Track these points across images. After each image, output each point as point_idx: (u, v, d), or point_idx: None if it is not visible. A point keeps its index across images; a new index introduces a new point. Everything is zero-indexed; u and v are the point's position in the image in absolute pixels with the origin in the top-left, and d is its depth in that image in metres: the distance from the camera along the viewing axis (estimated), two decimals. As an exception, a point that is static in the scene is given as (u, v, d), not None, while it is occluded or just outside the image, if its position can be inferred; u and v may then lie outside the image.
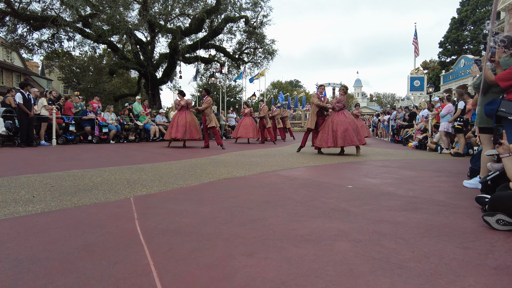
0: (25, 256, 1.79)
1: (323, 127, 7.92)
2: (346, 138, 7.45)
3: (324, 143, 7.62)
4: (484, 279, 1.56)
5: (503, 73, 3.18)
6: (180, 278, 1.55)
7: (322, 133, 7.80)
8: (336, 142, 7.49)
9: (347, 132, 7.48)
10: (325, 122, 7.96)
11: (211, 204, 2.98)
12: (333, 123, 7.67)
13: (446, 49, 37.86)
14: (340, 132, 7.48)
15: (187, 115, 9.96)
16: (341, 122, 7.62)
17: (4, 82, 26.32)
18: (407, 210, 2.79)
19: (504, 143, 2.78)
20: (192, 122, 9.93)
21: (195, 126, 9.95)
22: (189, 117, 9.94)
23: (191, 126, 9.82)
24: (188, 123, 9.80)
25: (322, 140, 7.72)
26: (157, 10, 16.12)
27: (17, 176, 4.26)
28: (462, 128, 8.06)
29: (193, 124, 9.88)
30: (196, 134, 9.87)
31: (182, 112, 10.10)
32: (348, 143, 7.45)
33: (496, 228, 2.27)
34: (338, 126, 7.58)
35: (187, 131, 9.71)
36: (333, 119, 7.73)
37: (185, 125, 9.75)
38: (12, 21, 14.94)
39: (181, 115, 10.00)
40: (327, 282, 1.52)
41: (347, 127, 7.52)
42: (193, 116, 10.15)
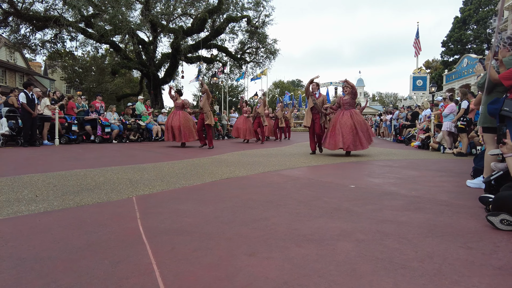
0: (28, 255, 1.79)
1: (330, 128, 7.60)
2: (356, 143, 7.21)
3: (333, 145, 7.34)
4: (488, 279, 1.54)
5: (507, 72, 3.16)
6: (183, 278, 1.55)
7: (330, 135, 7.46)
8: (345, 146, 7.20)
9: (357, 135, 7.22)
10: (331, 123, 7.67)
11: (213, 204, 2.98)
12: (340, 125, 7.35)
13: (449, 48, 37.70)
14: (347, 135, 7.20)
15: (181, 116, 9.59)
16: (348, 124, 7.27)
17: (7, 82, 26.43)
18: (410, 210, 2.78)
19: (508, 143, 2.76)
20: (186, 124, 9.58)
21: (189, 128, 9.62)
22: (183, 119, 9.57)
23: (185, 128, 9.51)
24: (182, 126, 9.47)
25: (330, 142, 7.40)
26: (159, 10, 16.15)
27: (20, 175, 4.28)
28: (465, 128, 8.02)
29: (187, 126, 9.56)
30: (190, 136, 9.57)
31: (176, 113, 9.72)
32: (358, 147, 7.22)
33: (500, 228, 2.26)
34: (344, 128, 7.26)
35: (182, 134, 9.44)
36: (340, 120, 7.41)
37: (179, 127, 9.45)
38: (15, 21, 15.01)
39: (175, 116, 9.66)
40: (329, 282, 1.51)
41: (355, 130, 7.22)
42: (187, 117, 9.76)
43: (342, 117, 7.38)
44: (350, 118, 7.31)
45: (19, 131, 8.92)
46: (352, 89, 7.57)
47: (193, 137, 9.67)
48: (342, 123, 7.32)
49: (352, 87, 7.60)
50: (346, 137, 7.16)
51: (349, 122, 7.25)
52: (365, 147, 7.27)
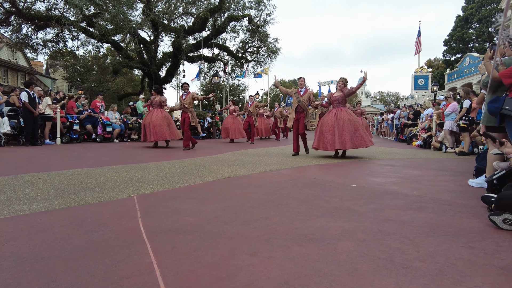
0: (29, 254, 1.79)
1: (318, 127, 7.12)
2: (337, 142, 6.62)
3: (322, 145, 6.88)
4: (491, 279, 1.53)
5: (508, 70, 3.14)
6: (183, 277, 1.55)
7: (319, 134, 6.96)
8: (333, 145, 6.71)
9: (341, 136, 6.60)
10: (319, 121, 7.17)
11: (214, 203, 2.97)
12: (322, 123, 6.91)
13: (451, 47, 37.53)
14: (327, 134, 6.71)
15: (159, 114, 9.01)
16: (329, 123, 6.75)
17: (9, 81, 26.49)
18: (412, 209, 2.77)
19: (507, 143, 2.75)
20: (164, 121, 8.97)
21: (168, 125, 9.01)
22: (161, 117, 8.99)
23: (163, 126, 8.89)
24: (159, 124, 8.88)
25: (319, 142, 6.94)
26: (160, 9, 16.13)
27: (22, 174, 4.28)
28: (467, 127, 7.99)
29: (165, 124, 8.95)
30: (167, 133, 8.93)
31: (153, 111, 9.15)
32: (344, 146, 6.64)
33: (502, 227, 2.24)
34: (325, 127, 6.78)
35: (158, 132, 8.85)
36: (324, 118, 6.95)
37: (155, 126, 8.86)
38: (16, 21, 15.03)
39: (152, 114, 9.08)
40: (331, 281, 1.50)
41: (339, 129, 6.61)
42: (165, 115, 9.17)
43: (327, 115, 6.93)
44: (334, 116, 6.75)
45: (21, 130, 8.94)
46: (346, 88, 6.94)
47: (171, 135, 9.05)
48: (324, 122, 6.91)
49: (348, 89, 6.95)
50: (327, 136, 6.73)
51: (330, 121, 6.76)
52: (347, 147, 6.63)
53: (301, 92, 7.45)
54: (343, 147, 6.60)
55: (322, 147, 6.80)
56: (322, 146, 6.80)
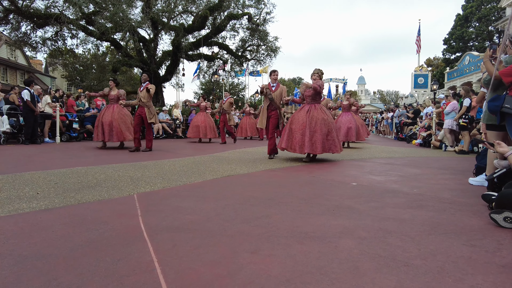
0: (29, 252, 1.78)
1: (287, 125, 6.08)
2: (306, 144, 5.62)
3: (291, 145, 5.84)
4: (493, 277, 1.53)
5: (508, 68, 3.14)
6: (184, 275, 1.54)
7: (288, 133, 5.93)
8: (302, 147, 5.69)
9: (312, 137, 5.64)
10: (290, 118, 6.14)
11: (214, 201, 2.97)
12: (291, 122, 5.94)
13: (451, 46, 37.50)
14: (296, 134, 5.74)
15: (115, 111, 7.92)
16: (300, 121, 5.77)
17: (8, 79, 26.44)
18: (413, 208, 2.76)
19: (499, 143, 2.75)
20: (121, 119, 7.92)
21: (125, 124, 7.96)
22: (118, 114, 7.91)
23: (119, 126, 7.81)
24: (115, 122, 7.80)
25: (288, 142, 5.90)
26: (160, 8, 16.09)
27: (21, 173, 4.28)
28: (466, 126, 7.99)
29: (122, 122, 7.89)
30: (126, 133, 7.90)
31: (109, 107, 8.07)
32: (314, 149, 5.66)
33: (503, 226, 2.24)
34: (296, 125, 5.81)
35: (113, 131, 7.74)
36: (294, 116, 5.99)
37: (110, 124, 7.78)
38: (15, 19, 14.98)
39: (107, 111, 8.00)
40: (332, 279, 1.50)
41: (310, 129, 5.64)
42: (122, 112, 8.10)
43: (299, 112, 5.95)
44: (306, 114, 5.78)
45: (20, 128, 8.93)
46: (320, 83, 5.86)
47: (130, 135, 7.95)
48: (294, 119, 5.91)
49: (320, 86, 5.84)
50: (296, 136, 5.73)
51: (301, 119, 5.77)
52: (318, 151, 5.66)
53: (273, 88, 6.50)
54: (313, 150, 5.66)
55: (291, 148, 5.82)
56: (291, 147, 5.82)
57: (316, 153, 5.73)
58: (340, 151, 5.91)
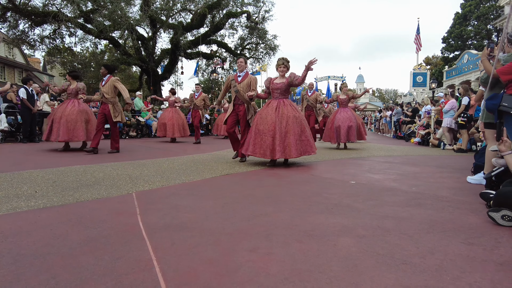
0: (28, 251, 1.78)
1: (253, 125, 5.19)
2: (277, 147, 4.82)
3: (259, 150, 4.95)
4: (490, 275, 1.54)
5: (505, 66, 3.15)
6: (183, 273, 1.54)
7: (255, 134, 5.03)
8: (274, 152, 4.85)
9: (283, 138, 4.84)
10: (255, 117, 5.24)
11: (213, 200, 2.97)
12: (258, 121, 5.07)
13: (449, 44, 37.51)
14: (266, 136, 4.87)
15: (73, 107, 6.96)
16: (269, 120, 4.90)
17: (6, 78, 26.34)
18: (411, 206, 2.77)
19: (506, 141, 2.75)
20: (80, 116, 6.94)
21: (85, 122, 7.07)
22: (77, 110, 6.96)
23: (78, 122, 6.86)
24: (73, 119, 6.82)
25: (255, 145, 4.99)
26: (158, 6, 16.06)
27: (19, 171, 4.27)
28: (465, 124, 8.01)
29: (81, 120, 6.94)
30: (82, 132, 6.91)
31: (65, 102, 7.14)
32: (287, 153, 4.87)
33: (501, 224, 2.25)
34: (264, 125, 4.94)
35: (69, 130, 6.76)
36: (260, 114, 5.10)
37: (65, 121, 6.75)
38: (13, 17, 14.92)
39: (61, 106, 7.08)
40: (331, 277, 1.51)
41: (281, 129, 4.83)
42: (82, 108, 7.12)
43: (266, 109, 5.07)
44: (275, 111, 4.95)
45: (18, 127, 8.90)
46: (293, 74, 5.06)
47: (85, 135, 7.07)
48: (261, 118, 5.01)
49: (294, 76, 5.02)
50: (265, 139, 4.88)
51: (270, 118, 4.91)
52: (292, 155, 4.86)
53: (239, 78, 5.55)
54: (287, 155, 4.84)
55: (259, 152, 4.89)
56: (259, 151, 4.89)
57: (291, 157, 4.92)
58: (315, 152, 5.15)
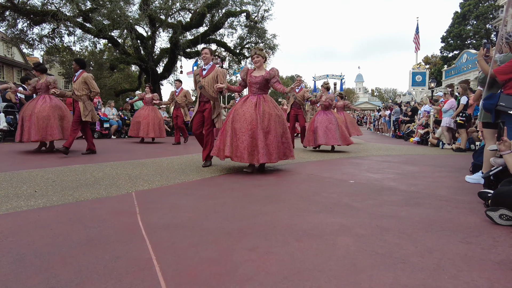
0: (28, 250, 1.79)
1: (226, 122, 4.53)
2: (248, 150, 4.18)
3: (236, 152, 4.27)
4: (488, 273, 1.55)
5: (502, 66, 3.16)
6: (183, 272, 1.55)
7: (231, 135, 4.35)
8: (252, 155, 4.21)
9: (254, 139, 4.21)
10: (229, 114, 4.58)
11: (212, 199, 2.98)
12: (231, 120, 4.41)
13: (449, 44, 37.55)
14: (242, 137, 4.23)
15: (44, 103, 6.35)
16: (242, 119, 4.29)
17: (5, 77, 26.29)
18: (410, 205, 2.78)
19: (506, 140, 2.76)
20: (53, 113, 6.36)
21: (60, 119, 6.48)
22: (46, 106, 6.32)
23: (51, 119, 6.29)
24: (46, 117, 6.24)
25: (232, 147, 4.31)
26: (157, 5, 16.02)
27: (19, 171, 4.27)
28: (464, 123, 8.02)
29: (55, 117, 6.36)
30: (56, 131, 6.31)
31: (37, 98, 6.48)
32: (268, 157, 4.23)
33: (499, 223, 2.27)
34: (237, 124, 4.32)
35: (42, 128, 6.18)
36: (235, 112, 4.45)
37: (37, 120, 6.15)
38: (12, 16, 14.87)
39: (31, 103, 6.43)
40: (330, 276, 1.52)
41: (271, 128, 4.29)
42: (55, 103, 6.49)
43: (243, 106, 4.42)
44: (255, 108, 4.32)
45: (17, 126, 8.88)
46: (273, 71, 4.44)
47: (59, 133, 6.42)
48: (237, 116, 4.35)
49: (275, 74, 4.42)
50: (243, 139, 4.21)
51: (249, 115, 4.27)
52: (273, 159, 4.27)
53: (204, 72, 4.87)
54: (267, 159, 4.21)
55: (236, 156, 4.23)
56: (236, 154, 4.23)
57: (271, 161, 4.28)
58: (293, 156, 4.62)
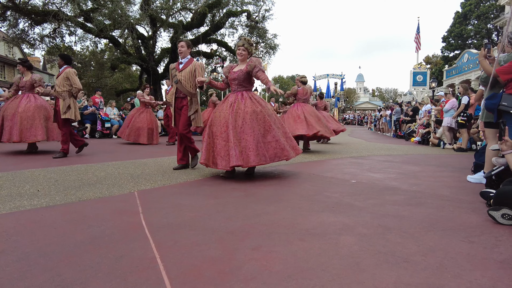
0: (32, 249, 1.80)
1: (207, 126, 4.14)
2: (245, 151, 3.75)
3: (212, 158, 3.90)
4: (490, 273, 1.55)
5: (505, 66, 3.17)
6: (187, 271, 1.56)
7: (207, 138, 4.01)
8: (228, 159, 3.74)
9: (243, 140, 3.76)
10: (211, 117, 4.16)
11: (215, 198, 2.98)
12: (211, 121, 4.06)
13: (450, 43, 37.52)
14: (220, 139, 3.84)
15: (28, 102, 6.00)
16: (223, 118, 3.89)
17: (6, 77, 26.33)
18: (412, 205, 2.79)
19: (508, 140, 2.76)
20: (38, 113, 6.01)
21: (44, 120, 6.10)
22: (30, 106, 5.97)
23: (36, 120, 5.95)
24: (30, 117, 5.91)
25: (208, 152, 3.95)
26: (158, 5, 16.04)
27: (21, 170, 4.28)
28: (465, 123, 8.02)
29: (39, 117, 6.00)
30: (40, 131, 5.97)
31: (21, 97, 6.11)
32: (245, 161, 3.71)
33: (501, 222, 2.27)
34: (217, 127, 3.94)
35: (25, 129, 5.84)
36: (217, 111, 4.07)
37: (19, 120, 5.81)
38: (13, 16, 14.91)
39: (13, 101, 6.04)
40: (333, 275, 1.52)
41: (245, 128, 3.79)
42: (40, 103, 6.14)
43: (221, 105, 4.05)
44: (229, 107, 3.92)
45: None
46: (254, 61, 4.17)
47: (42, 134, 6.03)
48: (215, 117, 3.98)
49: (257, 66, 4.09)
50: (218, 143, 3.83)
51: (223, 116, 3.88)
52: (251, 163, 3.72)
53: (181, 66, 4.48)
54: (244, 162, 3.70)
55: (212, 162, 3.87)
56: (212, 160, 3.87)
57: (249, 165, 3.76)
58: (290, 156, 3.96)
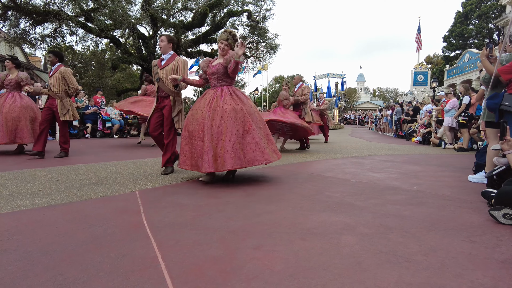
0: (34, 249, 1.80)
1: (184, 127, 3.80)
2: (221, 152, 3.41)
3: (191, 161, 3.60)
4: (492, 272, 1.55)
5: (506, 66, 3.16)
6: (188, 271, 1.56)
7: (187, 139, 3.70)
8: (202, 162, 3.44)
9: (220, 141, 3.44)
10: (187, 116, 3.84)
11: (215, 198, 2.99)
12: (195, 119, 3.63)
13: (451, 43, 37.47)
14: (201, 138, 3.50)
15: (14, 102, 5.83)
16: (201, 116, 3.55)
17: (7, 77, 26.36)
18: (413, 204, 2.79)
19: (509, 140, 2.76)
20: (24, 113, 5.85)
21: (30, 121, 5.96)
22: (16, 106, 5.79)
23: (21, 121, 5.79)
24: (16, 117, 5.74)
25: (185, 155, 3.66)
26: (159, 4, 16.05)
27: (23, 170, 4.29)
28: (466, 123, 8.01)
29: (25, 118, 5.85)
30: (25, 135, 5.84)
31: (6, 96, 5.88)
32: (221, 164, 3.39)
33: (502, 222, 2.27)
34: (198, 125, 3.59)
35: (10, 131, 5.70)
36: (194, 109, 3.71)
37: (4, 120, 5.65)
38: (14, 16, 14.92)
39: (3, 102, 5.81)
40: (335, 274, 1.52)
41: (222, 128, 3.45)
42: (26, 103, 5.96)
43: (199, 102, 3.69)
44: (207, 105, 3.54)
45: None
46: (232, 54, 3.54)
47: (29, 137, 5.89)
48: (192, 116, 3.65)
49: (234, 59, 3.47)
50: (196, 144, 3.53)
51: (201, 114, 3.54)
52: (227, 166, 3.37)
53: (163, 62, 4.19)
54: (219, 166, 3.38)
55: (192, 165, 3.57)
56: (192, 163, 3.57)
57: (225, 169, 3.40)
58: (267, 160, 3.52)
